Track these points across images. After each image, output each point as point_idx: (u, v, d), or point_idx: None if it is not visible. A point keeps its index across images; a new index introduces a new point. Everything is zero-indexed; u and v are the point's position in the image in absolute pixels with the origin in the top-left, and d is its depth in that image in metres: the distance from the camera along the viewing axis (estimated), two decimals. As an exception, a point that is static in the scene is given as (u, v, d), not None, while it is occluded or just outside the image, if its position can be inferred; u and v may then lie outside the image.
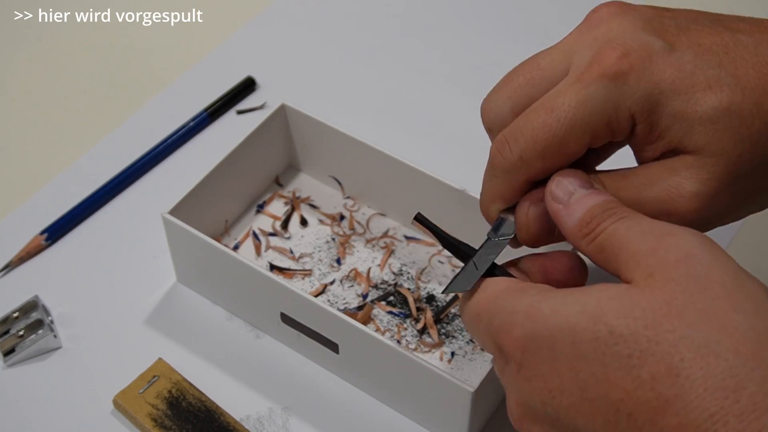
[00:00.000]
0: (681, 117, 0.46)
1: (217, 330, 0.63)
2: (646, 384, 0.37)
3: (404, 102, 0.78)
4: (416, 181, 0.63)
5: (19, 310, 0.63)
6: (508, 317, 0.42)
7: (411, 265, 0.66)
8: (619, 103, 0.46)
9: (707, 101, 0.45)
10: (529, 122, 0.47)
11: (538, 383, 0.40)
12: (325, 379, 0.60)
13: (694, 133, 0.45)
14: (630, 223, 0.42)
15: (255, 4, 0.86)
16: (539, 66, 0.49)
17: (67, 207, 0.69)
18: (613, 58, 0.45)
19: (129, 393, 0.58)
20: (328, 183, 0.70)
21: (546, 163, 0.47)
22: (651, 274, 0.39)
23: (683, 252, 0.39)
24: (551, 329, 0.40)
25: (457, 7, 0.86)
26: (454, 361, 0.61)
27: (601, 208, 0.44)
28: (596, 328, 0.38)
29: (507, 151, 0.47)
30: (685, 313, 0.38)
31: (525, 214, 0.48)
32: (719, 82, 0.45)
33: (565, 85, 0.47)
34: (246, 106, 0.77)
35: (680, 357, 0.37)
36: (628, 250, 0.41)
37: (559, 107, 0.46)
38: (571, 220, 0.44)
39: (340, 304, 0.64)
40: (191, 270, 0.64)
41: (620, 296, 0.39)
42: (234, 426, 0.57)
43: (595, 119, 0.46)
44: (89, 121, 0.77)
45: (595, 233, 0.43)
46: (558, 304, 0.40)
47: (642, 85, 0.45)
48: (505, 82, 0.50)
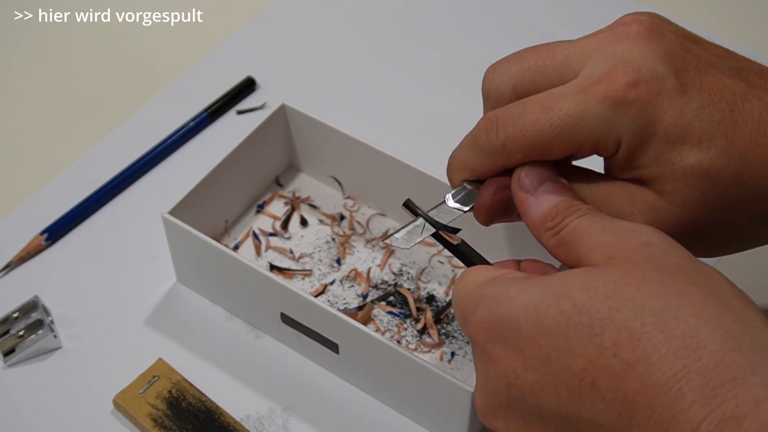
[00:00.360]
0: (660, 161, 0.46)
1: (217, 330, 0.63)
2: (608, 350, 0.38)
3: (404, 102, 0.78)
4: (416, 182, 0.63)
5: (19, 310, 0.63)
6: (476, 301, 0.43)
7: (411, 266, 0.66)
8: (612, 128, 0.46)
9: (690, 158, 0.46)
10: (523, 114, 0.47)
11: (503, 363, 0.41)
12: (325, 379, 0.60)
13: (665, 179, 0.46)
14: (593, 220, 0.43)
15: (255, 4, 0.86)
16: (554, 56, 0.49)
17: (67, 207, 0.69)
18: (622, 82, 0.45)
19: (129, 393, 0.58)
20: (329, 183, 0.70)
21: (525, 158, 0.48)
22: (611, 256, 0.41)
23: (641, 241, 0.41)
24: (516, 309, 0.41)
25: (457, 7, 0.86)
26: (454, 361, 0.61)
27: (567, 203, 0.45)
28: (560, 303, 0.39)
29: (493, 133, 0.48)
30: (644, 284, 0.39)
31: (488, 199, 0.49)
32: (711, 142, 0.46)
33: (569, 90, 0.47)
34: (246, 106, 0.77)
35: (641, 322, 0.38)
36: (590, 243, 0.42)
37: (556, 111, 0.46)
38: (537, 211, 0.46)
39: (340, 305, 0.64)
40: (191, 270, 0.64)
41: (583, 274, 0.40)
42: (234, 426, 0.57)
43: (586, 135, 0.46)
44: (89, 121, 0.77)
45: (558, 228, 0.44)
46: (525, 286, 0.41)
47: (639, 119, 0.46)
48: (516, 58, 0.50)
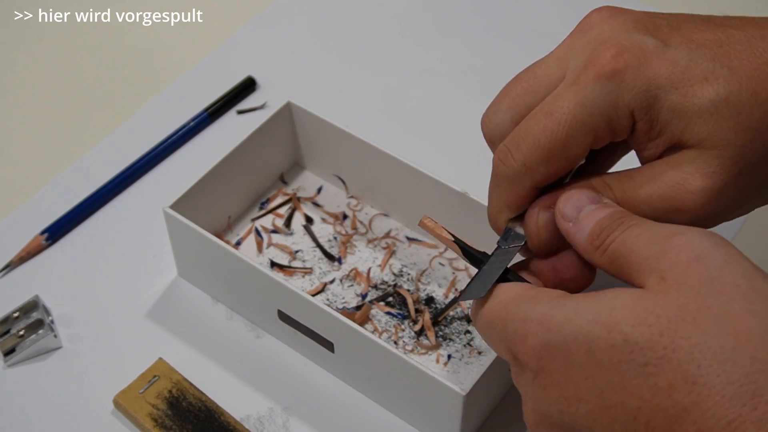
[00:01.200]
0: (680, 110, 0.46)
1: (218, 329, 0.63)
2: (663, 392, 0.37)
3: (404, 102, 0.78)
4: (419, 183, 0.63)
5: (19, 310, 0.63)
6: (521, 325, 0.42)
7: (411, 267, 0.66)
8: (618, 101, 0.46)
9: (704, 93, 0.45)
10: (530, 128, 0.47)
11: (555, 391, 0.40)
12: (324, 379, 0.60)
13: (694, 126, 0.45)
14: (638, 231, 0.42)
15: (255, 4, 0.86)
16: (536, 75, 0.49)
17: (67, 207, 0.69)
18: (607, 57, 0.46)
19: (129, 393, 0.58)
20: (333, 182, 0.70)
21: (550, 167, 0.47)
22: (663, 277, 0.39)
23: (694, 253, 0.39)
24: (565, 338, 0.40)
25: (458, 7, 0.86)
26: (450, 364, 0.61)
27: (610, 219, 0.44)
28: (611, 337, 0.38)
29: (510, 159, 0.47)
30: (700, 319, 0.37)
31: (534, 221, 0.48)
32: (715, 74, 0.45)
33: (562, 89, 0.47)
34: (246, 106, 0.77)
35: (697, 364, 0.37)
36: (639, 256, 0.41)
37: (558, 110, 0.46)
38: (582, 235, 0.44)
39: (339, 304, 0.64)
40: (191, 265, 0.64)
41: (633, 303, 0.39)
42: (234, 426, 0.57)
43: (596, 119, 0.46)
44: (89, 121, 0.77)
45: (605, 245, 0.43)
46: (570, 312, 0.40)
47: (638, 82, 0.45)
48: (503, 93, 0.50)
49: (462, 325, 0.62)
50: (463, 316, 0.63)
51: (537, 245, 0.49)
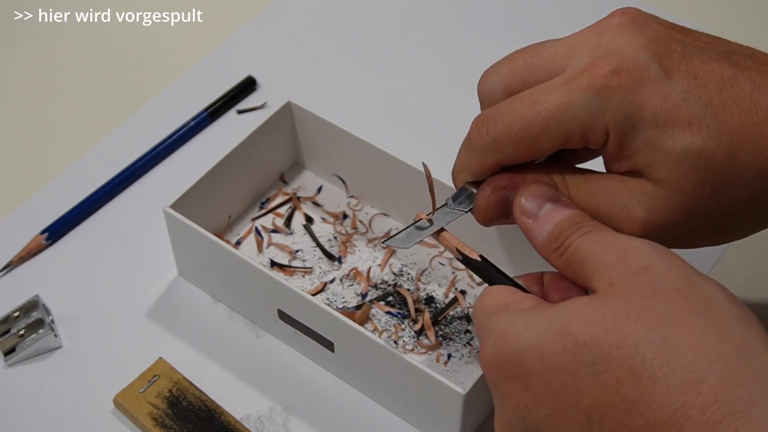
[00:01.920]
0: (652, 147, 0.46)
1: (218, 328, 0.63)
2: (612, 388, 0.38)
3: (403, 102, 0.78)
4: (419, 183, 0.63)
5: (19, 309, 0.63)
6: (485, 335, 0.43)
7: (411, 266, 0.66)
8: (598, 116, 0.46)
9: (681, 140, 0.46)
10: (510, 109, 0.48)
11: (514, 399, 0.42)
12: (324, 379, 0.60)
13: (659, 165, 0.46)
14: (595, 238, 0.44)
15: (255, 4, 0.86)
16: (541, 54, 0.50)
17: (67, 206, 0.69)
18: (605, 71, 0.46)
19: (129, 392, 0.58)
20: (333, 181, 0.70)
21: (517, 152, 0.49)
22: (611, 283, 0.41)
23: (641, 263, 0.41)
24: (521, 346, 0.41)
25: (458, 7, 0.86)
26: (451, 364, 0.61)
27: (569, 222, 0.45)
28: (563, 340, 0.40)
29: (484, 131, 0.49)
30: (643, 317, 0.39)
31: (485, 198, 0.50)
32: (700, 123, 0.46)
33: (554, 84, 0.48)
34: (246, 106, 0.77)
35: (641, 358, 0.38)
36: (593, 263, 0.43)
37: (542, 103, 0.47)
38: (540, 234, 0.46)
39: (339, 303, 0.64)
40: (191, 264, 0.64)
41: (584, 307, 0.40)
42: (234, 425, 0.57)
43: (572, 125, 0.47)
44: (89, 121, 0.77)
45: (563, 248, 0.45)
46: (531, 321, 0.41)
47: (624, 105, 0.46)
48: (507, 60, 0.51)
49: (462, 325, 0.62)
50: (463, 316, 0.63)
51: (482, 219, 0.51)
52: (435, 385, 0.53)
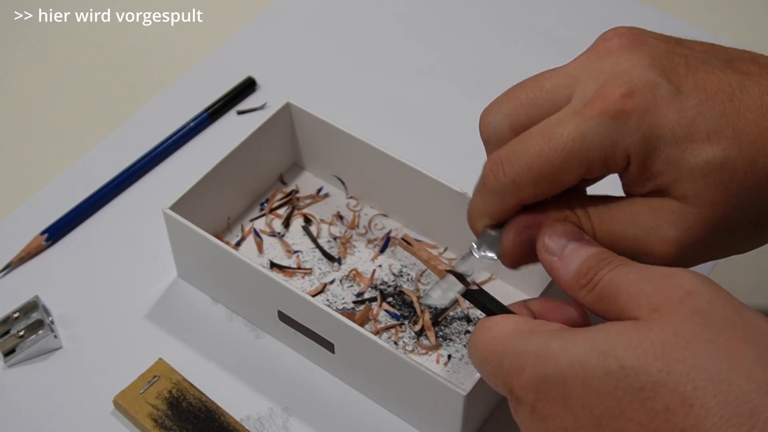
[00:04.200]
0: (674, 164, 0.45)
1: (218, 329, 0.63)
2: (661, 416, 0.37)
3: (403, 102, 0.78)
4: (419, 183, 0.63)
5: (19, 310, 0.63)
6: (517, 359, 0.42)
7: (411, 267, 0.66)
8: (617, 141, 0.45)
9: (703, 154, 0.45)
10: (525, 147, 0.47)
11: (553, 423, 0.40)
12: (324, 380, 0.60)
13: (684, 182, 0.45)
14: (628, 270, 0.42)
15: (255, 4, 0.86)
16: (543, 87, 0.48)
17: (67, 207, 0.69)
18: (616, 95, 0.45)
19: (129, 393, 0.58)
20: (332, 182, 0.70)
21: (539, 189, 0.47)
22: (655, 308, 0.40)
23: (684, 290, 0.40)
24: (562, 368, 0.40)
25: (458, 7, 0.86)
26: (451, 364, 0.61)
27: (597, 258, 0.44)
28: (606, 363, 0.38)
29: (500, 173, 0.47)
30: (693, 343, 0.38)
31: (510, 242, 0.49)
32: (718, 134, 0.45)
33: (566, 115, 0.46)
34: (246, 107, 0.77)
35: (693, 386, 0.37)
36: (629, 293, 0.41)
37: (557, 137, 0.46)
38: (567, 272, 0.45)
39: (338, 304, 0.64)
40: (191, 266, 0.64)
41: (627, 330, 0.39)
42: (234, 426, 0.57)
43: (593, 154, 0.46)
44: (89, 121, 0.77)
45: (593, 283, 0.43)
46: (568, 342, 0.40)
47: (642, 127, 0.45)
48: (507, 97, 0.50)
49: (462, 325, 0.62)
50: (463, 316, 0.63)
51: (510, 264, 0.50)
52: (435, 386, 0.53)
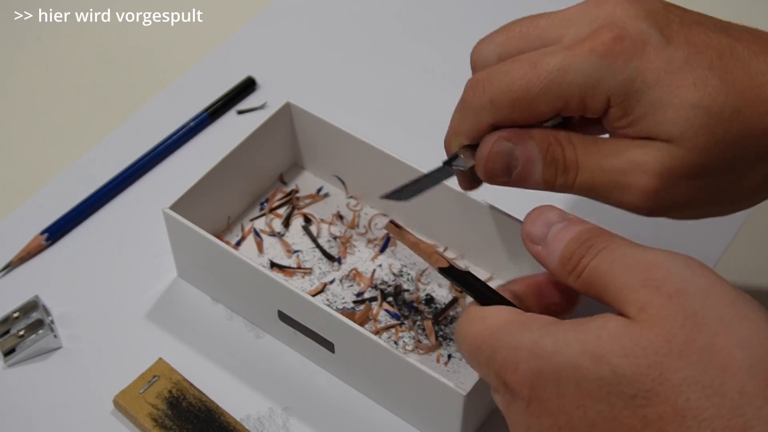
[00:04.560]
0: (659, 105, 0.46)
1: (218, 329, 0.63)
2: (654, 424, 0.37)
3: (403, 102, 0.78)
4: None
5: (19, 310, 0.63)
6: (512, 353, 0.42)
7: (411, 267, 0.66)
8: (599, 81, 0.47)
9: (689, 96, 0.46)
10: (510, 70, 0.48)
11: (547, 420, 0.40)
12: (324, 379, 0.60)
13: (669, 123, 0.46)
14: (612, 256, 0.42)
15: (255, 4, 0.86)
16: (537, 24, 0.50)
17: (67, 207, 0.69)
18: (607, 38, 0.47)
19: (129, 393, 0.58)
20: (332, 182, 0.70)
21: (513, 113, 0.48)
22: (643, 308, 0.39)
23: (674, 286, 0.39)
24: (556, 367, 0.40)
25: (458, 7, 0.86)
26: (451, 364, 0.61)
27: (578, 241, 0.43)
28: (599, 368, 0.38)
29: (480, 90, 0.49)
30: (686, 352, 0.37)
31: (488, 147, 0.50)
32: (705, 82, 0.46)
33: (555, 49, 0.48)
34: (246, 106, 0.77)
35: (685, 397, 0.37)
36: (616, 286, 0.41)
37: (542, 65, 0.47)
38: (553, 259, 0.44)
39: (338, 304, 0.64)
40: (191, 265, 0.64)
41: (619, 333, 0.39)
42: (234, 426, 0.57)
43: (572, 89, 0.47)
44: (89, 121, 0.77)
45: (578, 270, 0.43)
46: (560, 342, 0.40)
47: (626, 70, 0.46)
48: (501, 30, 0.52)
49: (462, 325, 0.62)
50: (463, 316, 0.63)
51: (484, 173, 0.50)
52: (435, 386, 0.53)
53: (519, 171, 0.50)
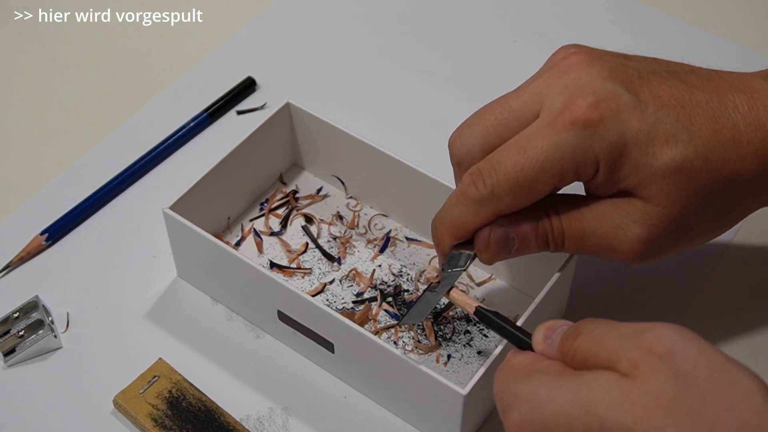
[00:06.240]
0: (639, 168, 0.49)
1: (218, 329, 0.63)
2: None
3: (403, 102, 0.78)
4: (419, 183, 0.63)
5: (19, 310, 0.63)
6: (510, 399, 0.42)
7: (411, 267, 0.66)
8: (588, 149, 0.49)
9: (663, 156, 0.49)
10: (502, 159, 0.50)
11: None
12: (324, 379, 0.60)
13: (647, 184, 0.49)
14: (605, 329, 0.41)
15: (255, 4, 0.86)
16: (510, 107, 0.52)
17: (67, 207, 0.69)
18: (584, 106, 0.48)
19: (129, 393, 0.58)
20: (332, 182, 0.70)
21: (515, 199, 0.50)
22: (635, 365, 0.39)
23: (666, 348, 0.39)
24: (546, 416, 0.40)
25: (458, 7, 0.86)
26: (450, 364, 0.61)
27: (572, 330, 0.43)
28: (587, 420, 0.39)
29: (481, 184, 0.51)
30: (674, 410, 0.37)
31: (486, 237, 0.52)
32: (675, 137, 0.49)
33: (537, 128, 0.50)
34: (246, 107, 0.77)
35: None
36: (608, 351, 0.40)
37: (531, 149, 0.49)
38: (552, 350, 0.44)
39: (338, 304, 0.64)
40: (191, 265, 0.64)
41: (610, 386, 0.39)
42: (234, 426, 0.57)
43: (566, 163, 0.49)
44: (89, 121, 0.77)
45: (571, 351, 0.42)
46: (555, 391, 0.40)
47: (610, 134, 0.48)
48: (476, 119, 0.53)
49: (462, 325, 0.62)
50: (463, 316, 0.63)
51: (486, 258, 0.53)
52: (435, 386, 0.53)
53: (516, 248, 0.52)
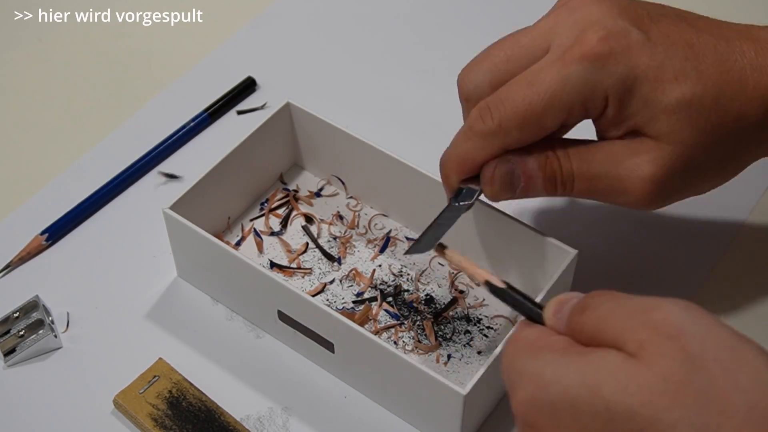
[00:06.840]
0: (648, 103, 0.49)
1: (218, 329, 0.63)
2: None
3: (403, 102, 0.78)
4: (419, 183, 0.63)
5: (19, 310, 0.63)
6: (516, 378, 0.42)
7: (411, 267, 0.66)
8: (597, 84, 0.49)
9: (673, 92, 0.48)
10: (511, 93, 0.50)
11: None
12: (324, 379, 0.60)
13: (658, 121, 0.49)
14: (612, 305, 0.41)
15: (255, 4, 0.86)
16: (520, 43, 0.52)
17: (67, 207, 0.69)
18: (594, 40, 0.48)
19: (129, 393, 0.58)
20: (332, 182, 0.70)
21: (523, 133, 0.50)
22: (642, 346, 0.38)
23: (673, 328, 0.38)
24: (552, 397, 0.39)
25: (458, 7, 0.86)
26: (450, 364, 0.61)
27: (578, 306, 0.42)
28: (593, 402, 0.38)
29: (488, 117, 0.50)
30: (682, 393, 0.36)
31: (491, 171, 0.52)
32: (684, 75, 0.49)
33: (546, 63, 0.49)
34: (246, 107, 0.77)
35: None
36: (616, 329, 0.40)
37: (540, 83, 0.49)
38: (562, 325, 0.43)
39: (338, 304, 0.64)
40: (191, 265, 0.64)
41: (617, 368, 0.38)
42: (234, 426, 0.57)
43: (573, 98, 0.49)
44: (89, 121, 0.77)
45: (578, 327, 0.42)
46: (560, 371, 0.40)
47: (619, 69, 0.48)
48: (485, 56, 0.53)
49: (462, 325, 0.62)
50: (463, 316, 0.63)
51: (491, 193, 0.52)
52: (435, 386, 0.53)
53: (522, 187, 0.52)
